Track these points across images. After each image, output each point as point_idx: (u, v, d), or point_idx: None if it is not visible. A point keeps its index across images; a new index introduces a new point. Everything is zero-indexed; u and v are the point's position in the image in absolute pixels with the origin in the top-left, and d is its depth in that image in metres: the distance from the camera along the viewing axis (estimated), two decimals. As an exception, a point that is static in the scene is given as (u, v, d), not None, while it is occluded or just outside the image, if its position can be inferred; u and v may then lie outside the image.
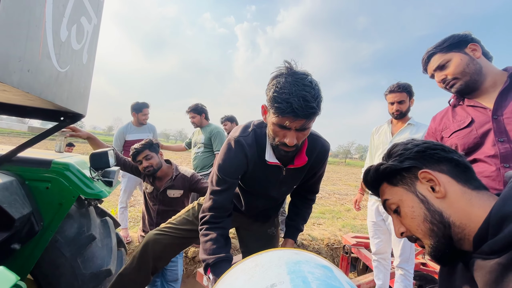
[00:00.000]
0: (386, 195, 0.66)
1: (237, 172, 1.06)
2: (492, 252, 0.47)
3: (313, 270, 0.54)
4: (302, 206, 1.32)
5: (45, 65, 0.82)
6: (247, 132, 1.06)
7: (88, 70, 1.22)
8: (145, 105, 3.28)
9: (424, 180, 0.59)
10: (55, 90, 0.92)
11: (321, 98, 0.88)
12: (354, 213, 5.94)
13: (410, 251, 1.96)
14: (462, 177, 0.58)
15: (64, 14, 0.89)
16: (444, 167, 0.60)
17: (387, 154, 0.68)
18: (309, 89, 0.84)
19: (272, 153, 1.01)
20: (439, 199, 0.57)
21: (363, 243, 3.12)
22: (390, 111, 2.03)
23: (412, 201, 0.59)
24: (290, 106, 0.81)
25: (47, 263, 1.27)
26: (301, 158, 1.03)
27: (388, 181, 0.65)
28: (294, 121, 0.85)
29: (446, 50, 1.10)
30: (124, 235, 3.07)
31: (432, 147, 0.62)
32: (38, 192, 1.25)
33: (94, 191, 1.36)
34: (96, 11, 1.20)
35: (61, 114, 1.21)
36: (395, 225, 0.65)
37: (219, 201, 1.04)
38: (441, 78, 1.13)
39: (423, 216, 0.57)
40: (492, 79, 1.05)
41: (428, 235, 0.57)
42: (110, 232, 1.67)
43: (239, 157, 1.03)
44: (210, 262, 0.95)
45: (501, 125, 0.99)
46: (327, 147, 1.14)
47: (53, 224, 1.25)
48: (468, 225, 0.53)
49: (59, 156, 1.52)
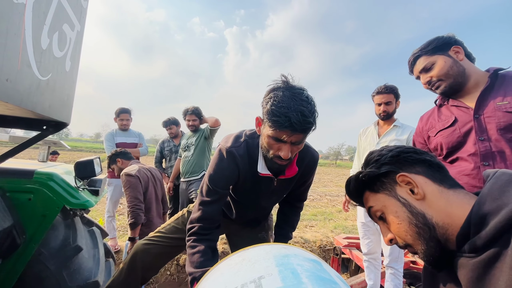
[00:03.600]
0: (369, 203, 0.66)
1: (228, 183, 1.06)
2: (474, 250, 0.48)
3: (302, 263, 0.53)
4: (291, 214, 1.33)
5: (25, 73, 0.80)
6: (239, 143, 1.05)
7: (72, 77, 1.20)
8: (124, 110, 3.24)
9: (403, 183, 0.60)
10: (36, 99, 0.89)
11: (317, 114, 0.89)
12: (345, 214, 6.00)
13: (399, 250, 1.99)
14: (437, 176, 0.59)
15: (45, 22, 0.87)
16: (419, 168, 0.61)
17: (364, 162, 0.69)
18: (306, 104, 0.85)
19: (264, 165, 1.01)
20: (419, 200, 0.57)
21: (354, 244, 3.15)
22: (377, 112, 2.08)
23: (395, 206, 0.60)
24: (289, 120, 0.82)
25: (31, 277, 1.22)
26: (292, 169, 1.04)
27: (369, 188, 0.66)
28: (291, 135, 0.86)
29: (431, 52, 1.13)
30: (113, 244, 3.00)
31: (405, 151, 0.63)
32: (20, 204, 1.20)
33: (79, 201, 1.32)
34: (79, 18, 1.18)
35: (44, 123, 1.17)
36: (383, 233, 0.65)
37: (209, 212, 1.03)
38: (426, 80, 1.16)
39: (408, 220, 0.57)
40: (475, 80, 1.09)
41: (417, 239, 0.57)
42: (98, 243, 1.62)
43: (230, 168, 1.03)
44: (197, 275, 0.93)
45: (481, 124, 1.02)
46: (316, 157, 1.16)
47: (36, 237, 1.21)
48: (450, 224, 0.53)
49: (42, 165, 1.47)
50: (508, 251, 0.42)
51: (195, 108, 3.04)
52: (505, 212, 0.44)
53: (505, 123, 0.97)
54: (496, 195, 0.47)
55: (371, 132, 2.20)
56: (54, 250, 1.29)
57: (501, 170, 0.53)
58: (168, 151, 3.45)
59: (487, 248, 0.46)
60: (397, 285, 2.00)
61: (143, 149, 3.33)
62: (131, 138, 3.26)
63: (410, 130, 2.00)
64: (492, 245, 0.45)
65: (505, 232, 0.44)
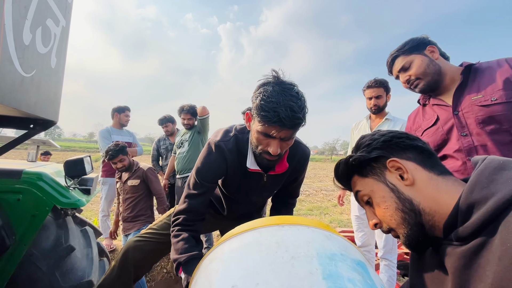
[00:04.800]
0: (357, 187, 0.66)
1: (216, 176, 1.05)
2: (461, 239, 0.48)
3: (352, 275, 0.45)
4: (283, 211, 1.33)
5: (7, 69, 0.77)
6: (228, 137, 1.05)
7: (58, 74, 1.17)
8: (128, 108, 3.31)
9: (393, 169, 0.60)
10: (20, 96, 0.87)
11: (307, 110, 0.89)
12: (341, 209, 6.06)
13: (392, 242, 2.02)
14: (427, 163, 0.59)
15: (26, 16, 0.85)
16: (410, 154, 0.60)
17: (355, 146, 0.68)
18: (295, 99, 0.84)
19: (253, 160, 1.01)
20: (408, 186, 0.57)
21: (350, 237, 3.19)
22: (368, 106, 2.09)
23: (383, 191, 0.60)
24: (277, 115, 0.81)
25: (22, 279, 1.20)
26: (282, 165, 1.04)
27: (358, 172, 0.66)
28: (280, 131, 0.85)
29: (408, 52, 1.16)
30: (108, 243, 2.97)
31: (398, 136, 0.63)
32: (8, 205, 1.18)
33: (70, 200, 1.30)
34: (64, 13, 1.15)
35: (30, 121, 1.15)
36: (369, 217, 0.65)
37: (194, 205, 1.03)
38: (405, 79, 1.18)
39: (394, 205, 0.57)
40: (450, 77, 1.12)
41: (401, 224, 0.57)
42: (91, 242, 1.61)
43: (218, 162, 1.02)
44: (182, 260, 0.92)
45: (461, 120, 1.04)
46: (307, 153, 1.16)
47: (27, 237, 1.19)
48: (437, 211, 0.53)
49: (31, 165, 1.45)
50: (494, 240, 0.42)
51: (190, 107, 3.02)
52: (492, 202, 0.44)
53: (483, 117, 0.99)
54: (484, 183, 0.47)
55: (364, 126, 2.21)
56: (46, 251, 1.27)
57: (490, 156, 0.52)
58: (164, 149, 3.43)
59: (474, 237, 0.46)
60: (391, 276, 2.04)
61: (140, 149, 3.32)
62: (126, 137, 3.22)
63: (401, 123, 2.01)
64: (479, 234, 0.45)
65: (492, 221, 0.44)
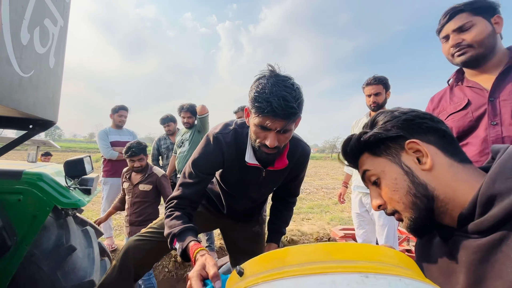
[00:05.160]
0: (366, 166, 0.61)
1: (211, 168, 1.05)
2: (478, 232, 0.45)
3: None
4: (284, 209, 1.33)
5: (5, 70, 0.77)
6: (228, 130, 1.05)
7: (57, 74, 1.17)
8: (123, 107, 3.23)
9: (411, 150, 0.55)
10: (19, 96, 0.87)
11: (302, 101, 0.88)
12: (341, 206, 6.06)
13: (393, 239, 2.02)
14: (449, 148, 0.54)
15: (24, 16, 0.84)
16: (432, 137, 0.55)
17: (370, 121, 0.62)
18: (290, 90, 0.84)
19: (252, 155, 1.01)
20: (424, 171, 0.53)
21: (350, 234, 3.19)
22: (368, 103, 2.09)
23: (396, 173, 0.55)
24: (270, 105, 0.81)
25: (24, 279, 1.21)
26: (282, 161, 1.03)
27: (370, 151, 0.60)
28: (274, 120, 0.85)
29: (475, 12, 1.00)
30: (109, 243, 2.98)
31: (421, 116, 0.57)
32: (9, 205, 1.18)
33: (70, 200, 1.31)
34: (61, 13, 1.15)
35: (30, 121, 1.15)
36: (372, 197, 0.61)
37: (187, 193, 1.03)
38: (456, 42, 1.03)
39: (406, 189, 0.53)
40: (498, 58, 1.00)
41: (410, 208, 0.54)
42: (92, 242, 1.61)
43: (215, 154, 1.03)
44: (176, 231, 0.92)
45: (496, 108, 0.95)
46: (307, 151, 1.15)
47: (28, 238, 1.19)
48: (452, 199, 0.50)
49: (31, 166, 1.45)
50: None
51: (190, 106, 3.01)
52: None
53: None
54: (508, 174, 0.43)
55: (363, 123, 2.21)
56: (47, 251, 1.28)
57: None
58: (165, 149, 3.42)
59: (493, 230, 0.43)
60: (392, 273, 2.04)
61: None
62: (125, 137, 3.22)
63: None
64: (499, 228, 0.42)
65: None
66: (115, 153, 3.04)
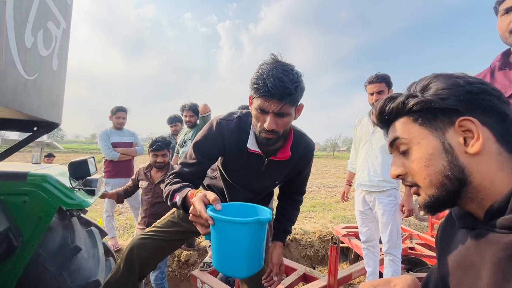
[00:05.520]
0: (400, 133, 0.53)
1: (211, 152, 1.07)
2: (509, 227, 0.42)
3: None
4: (289, 208, 1.32)
5: (10, 73, 0.78)
6: (232, 117, 1.08)
7: (60, 76, 1.18)
8: (121, 108, 3.24)
9: (461, 129, 0.47)
10: (24, 99, 0.88)
11: (301, 85, 0.90)
12: (344, 205, 6.06)
13: (397, 236, 2.02)
14: (505, 136, 0.47)
15: (27, 19, 0.85)
16: (490, 119, 0.47)
17: (424, 84, 0.53)
18: (287, 73, 0.86)
19: (254, 142, 1.03)
20: (467, 154, 0.47)
21: (353, 233, 3.19)
22: (370, 102, 2.08)
23: (434, 149, 0.49)
24: (266, 85, 0.84)
25: (30, 280, 1.22)
26: (285, 152, 1.05)
27: (411, 117, 0.52)
28: (269, 101, 0.87)
29: None
30: (113, 243, 3.00)
31: (489, 92, 0.48)
32: (14, 207, 1.19)
33: (75, 201, 1.32)
34: (64, 15, 1.15)
35: (34, 123, 1.16)
36: (394, 164, 0.55)
37: (185, 172, 1.05)
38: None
39: (440, 168, 0.48)
40: None
41: (436, 187, 0.49)
42: (97, 242, 1.62)
43: (215, 138, 1.05)
44: (175, 187, 0.95)
45: None
46: (311, 146, 1.16)
47: (34, 239, 1.20)
48: (487, 189, 0.46)
49: (36, 167, 1.46)
50: None
51: (192, 104, 3.04)
52: None
53: None
54: None
55: (366, 122, 2.20)
56: (53, 252, 1.29)
57: None
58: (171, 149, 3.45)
59: None
60: (395, 271, 2.04)
61: (140, 148, 3.32)
62: (126, 138, 3.24)
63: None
64: None
65: None
66: (117, 154, 3.06)
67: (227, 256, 0.72)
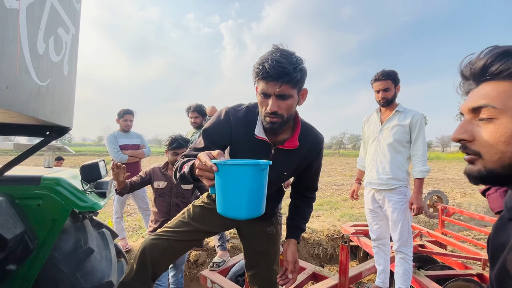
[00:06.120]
0: (491, 100, 0.47)
1: (218, 138, 1.09)
2: None
3: None
4: (302, 205, 1.31)
5: (24, 80, 0.80)
6: (240, 107, 1.11)
7: (70, 81, 1.20)
8: (128, 111, 3.26)
9: None
10: (37, 105, 0.89)
11: (300, 67, 0.92)
12: (351, 203, 6.02)
13: (408, 234, 2.00)
14: None
15: (39, 26, 0.86)
16: None
17: None
18: (285, 56, 0.89)
19: (261, 129, 1.05)
20: None
21: (362, 231, 3.17)
22: (377, 99, 2.06)
23: None
24: (264, 68, 0.88)
25: (46, 281, 1.25)
26: (292, 141, 1.07)
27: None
28: (268, 83, 0.90)
29: None
30: (123, 244, 3.04)
31: None
32: (29, 210, 1.22)
33: (87, 204, 1.34)
34: (73, 21, 1.17)
35: (46, 128, 1.18)
36: (461, 127, 0.51)
37: (192, 155, 1.08)
38: None
39: None
40: None
41: (502, 166, 0.46)
42: (109, 244, 1.65)
43: (223, 124, 1.09)
44: (184, 160, 1.00)
45: None
46: (320, 138, 1.17)
47: (48, 241, 1.23)
48: None
49: (48, 171, 1.49)
50: None
51: (197, 106, 3.04)
52: None
53: None
54: None
55: (374, 119, 2.18)
56: (67, 253, 1.31)
57: None
58: None
59: None
60: (407, 269, 2.02)
61: (147, 150, 3.36)
62: (133, 140, 3.27)
63: (412, 114, 1.98)
64: None
65: None
66: (125, 157, 3.09)
67: (229, 198, 0.78)
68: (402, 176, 2.00)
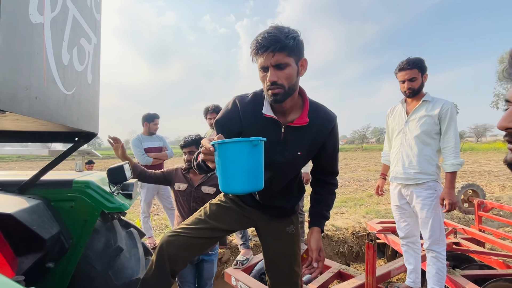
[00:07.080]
0: None
1: (229, 126, 1.13)
2: None
3: None
4: (323, 192, 1.27)
5: (52, 90, 0.84)
6: (247, 94, 1.16)
7: (94, 89, 1.25)
8: (156, 115, 3.44)
9: None
10: (65, 113, 0.95)
11: (292, 35, 0.94)
12: (377, 199, 5.80)
13: (439, 232, 1.88)
14: None
15: (63, 38, 0.91)
16: None
17: None
18: (278, 28, 0.93)
19: (269, 108, 1.07)
20: None
21: (389, 228, 3.04)
22: (402, 90, 1.95)
23: None
24: (257, 41, 0.93)
25: (81, 278, 1.33)
26: (302, 118, 1.07)
27: None
28: (263, 55, 0.93)
29: None
30: (150, 243, 3.17)
31: None
32: (63, 212, 1.30)
33: (115, 205, 1.40)
34: (94, 31, 1.23)
35: (75, 135, 1.25)
36: (508, 115, 0.49)
37: None
38: None
39: None
40: None
41: None
42: (136, 242, 1.72)
43: (231, 113, 1.13)
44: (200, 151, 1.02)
45: None
46: (331, 115, 1.15)
47: (82, 240, 1.30)
48: None
49: (79, 175, 1.58)
50: None
51: (215, 107, 3.09)
52: None
53: None
54: None
55: (399, 111, 2.07)
56: (99, 252, 1.39)
57: None
58: None
59: None
60: (440, 269, 1.90)
61: (170, 152, 3.47)
62: (156, 143, 3.40)
63: (441, 104, 1.85)
64: None
65: None
66: (150, 159, 3.21)
67: (227, 174, 0.83)
68: (432, 170, 1.88)
